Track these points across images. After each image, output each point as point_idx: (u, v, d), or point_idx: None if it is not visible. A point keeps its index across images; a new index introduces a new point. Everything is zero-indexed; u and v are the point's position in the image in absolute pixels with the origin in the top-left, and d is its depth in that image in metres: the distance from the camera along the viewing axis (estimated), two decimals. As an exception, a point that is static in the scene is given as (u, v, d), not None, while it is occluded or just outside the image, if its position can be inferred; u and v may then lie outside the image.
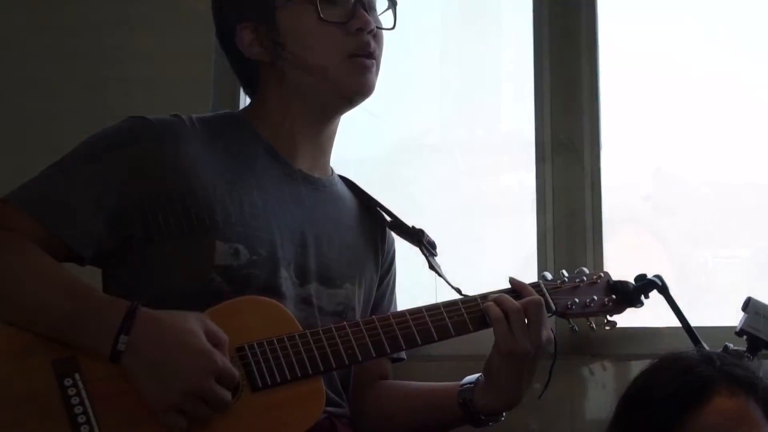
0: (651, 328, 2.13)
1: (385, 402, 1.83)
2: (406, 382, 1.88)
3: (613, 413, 1.47)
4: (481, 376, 1.71)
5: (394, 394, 1.84)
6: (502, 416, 1.74)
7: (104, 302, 1.56)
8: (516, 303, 1.67)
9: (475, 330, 1.71)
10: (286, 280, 1.70)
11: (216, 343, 1.52)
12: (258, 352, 1.59)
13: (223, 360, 1.51)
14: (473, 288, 1.77)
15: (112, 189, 1.63)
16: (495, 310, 1.66)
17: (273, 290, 1.67)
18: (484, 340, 1.72)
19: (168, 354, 1.49)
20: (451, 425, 1.77)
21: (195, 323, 1.52)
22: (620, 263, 2.15)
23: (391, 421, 1.82)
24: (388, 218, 1.93)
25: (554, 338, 1.71)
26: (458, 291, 1.81)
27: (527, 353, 1.64)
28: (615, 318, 1.87)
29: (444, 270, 1.87)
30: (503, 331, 1.65)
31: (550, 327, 1.69)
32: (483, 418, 1.72)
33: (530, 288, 1.73)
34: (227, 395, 1.51)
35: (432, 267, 1.88)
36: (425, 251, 1.88)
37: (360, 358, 1.65)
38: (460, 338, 2.06)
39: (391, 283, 1.94)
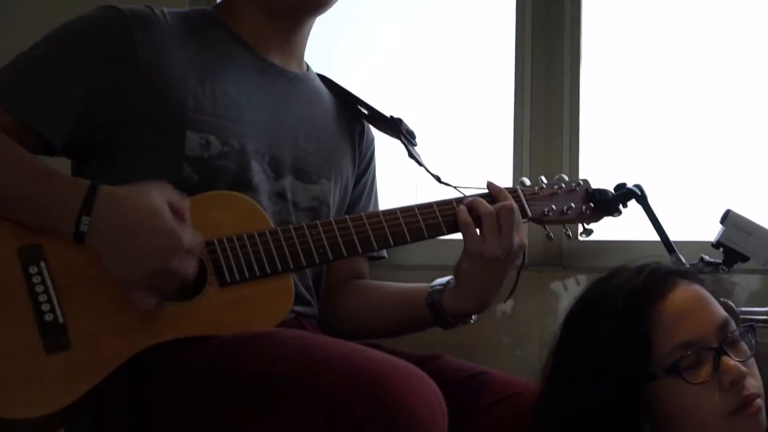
0: (627, 242, 2.11)
1: (355, 301, 1.82)
2: (379, 282, 1.85)
3: (565, 325, 1.45)
4: (452, 278, 1.69)
5: (365, 293, 1.82)
6: (471, 319, 1.72)
7: (66, 182, 1.52)
8: (489, 207, 1.64)
9: (449, 233, 1.68)
10: (259, 173, 1.68)
11: (179, 216, 1.49)
12: (227, 247, 1.56)
13: (188, 239, 1.48)
14: (453, 179, 1.76)
15: (82, 78, 1.60)
16: (464, 215, 1.64)
17: (244, 183, 1.64)
18: (458, 249, 1.69)
19: (132, 233, 1.46)
20: (420, 326, 1.76)
21: (158, 200, 1.48)
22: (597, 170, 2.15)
23: (359, 319, 1.80)
24: (366, 111, 1.90)
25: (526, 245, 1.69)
26: (437, 179, 1.79)
27: (497, 258, 1.62)
28: (592, 226, 1.85)
29: (425, 160, 1.85)
30: (472, 234, 1.63)
31: (524, 234, 1.67)
32: (451, 320, 1.70)
33: (506, 193, 1.70)
34: (193, 270, 1.49)
35: (411, 155, 1.86)
36: (404, 140, 1.85)
37: (331, 257, 1.62)
38: (434, 248, 2.07)
39: (368, 185, 1.92)
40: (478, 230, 1.64)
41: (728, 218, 1.86)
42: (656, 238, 1.88)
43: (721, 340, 1.35)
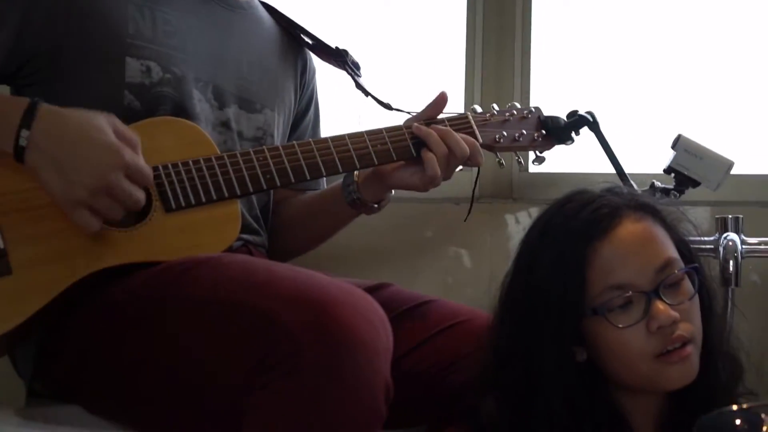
0: (579, 174, 2.10)
1: (286, 215, 1.81)
2: (298, 197, 1.85)
3: (517, 252, 1.44)
4: (357, 174, 1.70)
5: (293, 205, 1.82)
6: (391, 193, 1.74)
7: (6, 100, 1.49)
8: (444, 146, 1.64)
9: (398, 159, 1.66)
10: (201, 101, 1.65)
11: (126, 142, 1.45)
12: (172, 173, 1.54)
13: (132, 155, 1.45)
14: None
15: (16, 4, 1.55)
16: (439, 144, 1.64)
17: (186, 111, 1.61)
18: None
19: (72, 148, 1.42)
20: (347, 220, 1.79)
21: (102, 120, 1.45)
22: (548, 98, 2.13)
23: (289, 234, 1.80)
24: (310, 41, 1.86)
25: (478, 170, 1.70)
26: (388, 106, 1.78)
27: (437, 184, 1.65)
28: (544, 154, 1.84)
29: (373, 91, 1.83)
30: (436, 165, 1.63)
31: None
32: (375, 206, 1.73)
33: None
34: (138, 193, 1.45)
35: (359, 86, 1.84)
36: (350, 72, 1.82)
37: (278, 183, 1.60)
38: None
39: (311, 117, 1.89)
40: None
41: (679, 143, 1.86)
42: (609, 170, 1.88)
43: (658, 282, 1.35)
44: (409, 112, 1.74)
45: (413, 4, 2.31)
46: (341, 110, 2.14)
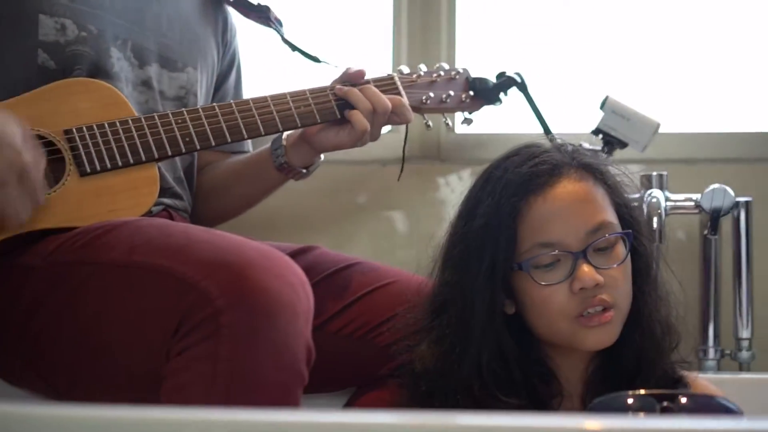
0: (508, 134, 2.09)
1: (212, 179, 1.77)
2: (222, 161, 1.80)
3: (460, 205, 1.43)
4: (285, 137, 1.67)
5: (219, 169, 1.78)
6: (320, 159, 1.72)
7: None
8: (367, 101, 1.61)
9: (322, 121, 1.64)
10: (120, 60, 1.60)
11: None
12: (87, 136, 1.49)
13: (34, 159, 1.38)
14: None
15: None
16: (363, 100, 1.62)
17: (104, 71, 1.56)
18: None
19: None
20: (275, 185, 1.75)
21: (14, 127, 1.38)
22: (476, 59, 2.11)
23: (217, 195, 1.76)
24: None
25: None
26: (316, 59, 1.76)
27: (365, 141, 1.64)
28: (472, 116, 1.83)
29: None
30: (361, 115, 1.61)
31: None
32: (304, 171, 1.70)
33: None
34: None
35: (285, 41, 1.80)
36: (274, 27, 1.79)
37: (198, 146, 1.56)
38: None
39: (233, 77, 1.84)
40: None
41: (607, 104, 1.87)
42: (537, 130, 1.87)
43: (587, 244, 1.34)
44: (337, 66, 1.71)
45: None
46: (265, 72, 2.10)
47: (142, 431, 0.92)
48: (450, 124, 1.85)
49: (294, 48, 1.81)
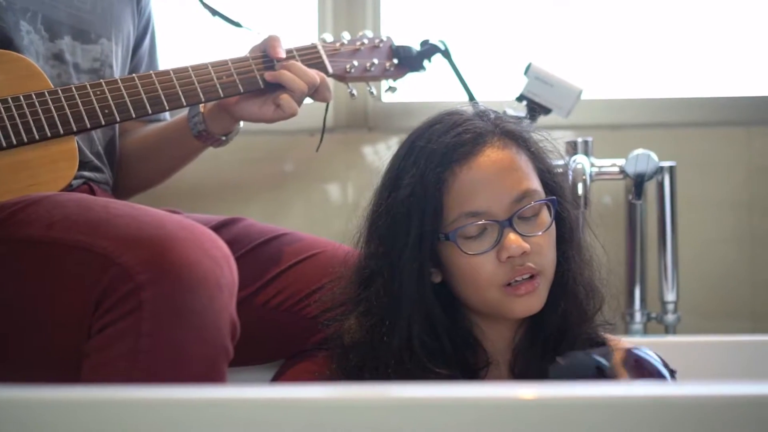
0: (433, 103, 2.07)
1: (128, 148, 1.73)
2: (138, 129, 1.77)
3: (383, 175, 1.42)
4: (203, 108, 1.64)
5: (135, 138, 1.75)
6: (240, 126, 1.69)
7: None
8: (301, 82, 1.59)
9: (245, 91, 1.61)
10: (30, 33, 1.55)
11: None
12: (2, 109, 1.45)
13: None
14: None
15: None
16: (297, 82, 1.59)
17: (13, 44, 1.51)
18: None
19: None
20: (194, 153, 1.72)
21: None
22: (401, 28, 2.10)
23: (135, 164, 1.73)
24: None
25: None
26: (237, 24, 1.73)
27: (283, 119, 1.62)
28: (397, 84, 1.81)
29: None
30: (291, 105, 1.59)
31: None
32: (224, 138, 1.67)
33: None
34: None
35: (205, 5, 1.77)
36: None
37: (118, 118, 1.53)
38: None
39: (149, 46, 1.80)
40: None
41: (530, 70, 1.87)
42: (464, 99, 1.87)
43: (513, 212, 1.34)
44: (259, 33, 1.68)
45: None
46: (185, 39, 2.06)
47: (62, 411, 0.91)
48: (374, 92, 1.83)
49: (214, 13, 1.78)
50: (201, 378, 1.23)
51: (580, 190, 1.74)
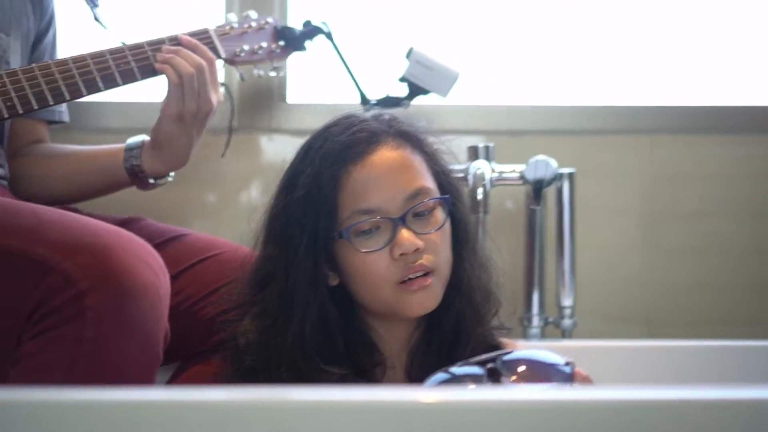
0: (341, 105, 2.05)
1: (41, 168, 1.68)
2: (65, 147, 1.73)
3: (281, 178, 1.43)
4: (146, 138, 1.62)
5: (51, 160, 1.70)
6: (170, 177, 1.67)
7: None
8: (189, 68, 1.58)
9: (143, 78, 1.61)
10: None
11: None
12: None
13: None
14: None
15: None
16: (173, 76, 1.58)
17: None
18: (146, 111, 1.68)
19: None
20: (117, 189, 1.68)
21: None
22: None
23: (47, 187, 1.68)
24: None
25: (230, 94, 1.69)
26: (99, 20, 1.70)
27: (195, 114, 1.58)
28: (281, 64, 1.84)
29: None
30: (179, 95, 1.57)
31: (221, 84, 1.65)
32: (152, 181, 1.64)
33: (202, 47, 1.63)
34: None
35: (96, 19, 1.73)
36: (88, 2, 1.72)
37: (20, 110, 1.51)
38: (124, 111, 2.05)
39: (50, 44, 1.76)
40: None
41: (412, 54, 1.93)
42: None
43: (406, 210, 1.35)
44: (149, 40, 1.65)
45: None
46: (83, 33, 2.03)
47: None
48: (261, 75, 1.84)
49: (103, 25, 1.74)
50: (137, 384, 1.24)
51: (479, 195, 1.76)
